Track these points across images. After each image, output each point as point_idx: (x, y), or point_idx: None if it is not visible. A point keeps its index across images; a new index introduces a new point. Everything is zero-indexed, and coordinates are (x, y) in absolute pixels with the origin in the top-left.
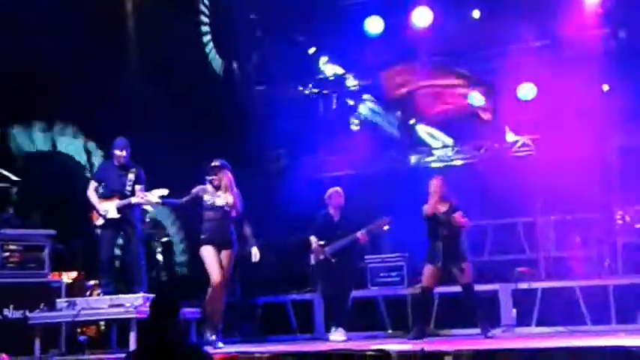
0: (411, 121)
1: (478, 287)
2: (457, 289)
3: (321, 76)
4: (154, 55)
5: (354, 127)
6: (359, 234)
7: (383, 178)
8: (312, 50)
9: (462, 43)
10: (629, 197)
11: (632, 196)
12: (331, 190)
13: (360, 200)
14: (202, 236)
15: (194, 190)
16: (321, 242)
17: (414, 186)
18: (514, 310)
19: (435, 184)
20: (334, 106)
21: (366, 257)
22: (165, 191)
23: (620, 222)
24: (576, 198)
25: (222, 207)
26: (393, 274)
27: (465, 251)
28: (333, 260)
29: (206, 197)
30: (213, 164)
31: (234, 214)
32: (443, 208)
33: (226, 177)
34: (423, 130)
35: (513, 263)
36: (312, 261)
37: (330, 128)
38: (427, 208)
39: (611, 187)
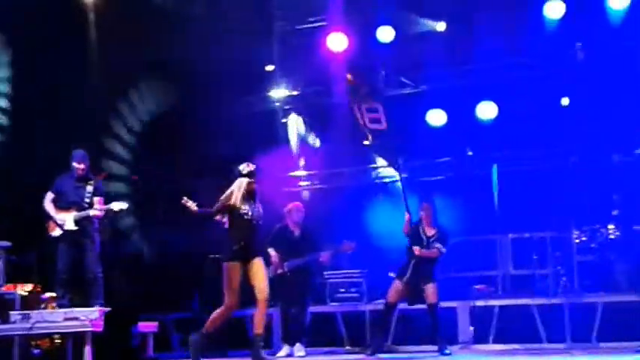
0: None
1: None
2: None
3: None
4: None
5: (317, 144)
6: (322, 256)
7: (344, 193)
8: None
9: (423, 60)
10: (586, 216)
11: (589, 215)
12: (291, 205)
13: (323, 215)
14: (234, 247)
15: (228, 200)
16: (281, 257)
17: (375, 201)
18: (471, 328)
19: (425, 208)
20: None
21: (325, 273)
22: (125, 205)
23: (576, 241)
24: (534, 216)
25: (257, 217)
26: (353, 290)
27: (435, 272)
28: (289, 274)
29: (242, 206)
30: (255, 167)
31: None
32: (430, 232)
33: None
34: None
35: (472, 281)
36: (270, 274)
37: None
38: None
39: (568, 205)
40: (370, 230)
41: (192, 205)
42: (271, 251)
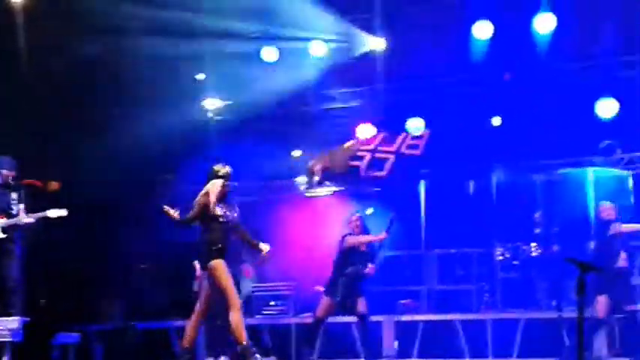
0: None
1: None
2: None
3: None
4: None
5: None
6: (246, 267)
7: (272, 205)
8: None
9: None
10: (509, 234)
11: (512, 232)
12: None
13: (251, 227)
14: (214, 247)
15: (206, 202)
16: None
17: (301, 214)
18: (396, 342)
19: (354, 221)
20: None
21: (252, 285)
22: (64, 212)
23: (500, 258)
24: (459, 233)
25: (232, 219)
26: (279, 302)
27: (363, 286)
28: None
29: (218, 208)
30: (230, 169)
31: None
32: (363, 247)
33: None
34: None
35: (397, 295)
36: (196, 287)
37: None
38: (351, 240)
39: (492, 223)
40: (299, 243)
41: (173, 213)
42: (196, 264)
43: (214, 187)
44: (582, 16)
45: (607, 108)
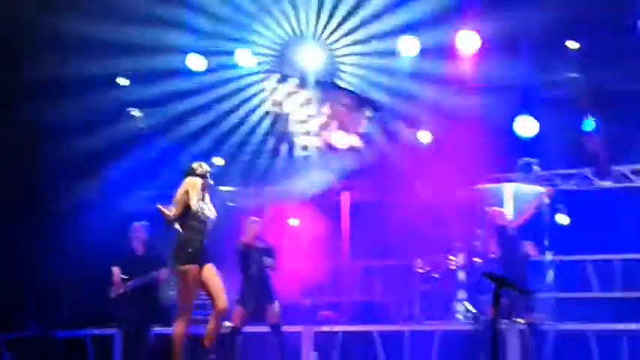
0: None
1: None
2: (260, 328)
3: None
4: None
5: None
6: (160, 273)
7: None
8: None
9: None
10: (428, 246)
11: (431, 245)
12: (137, 223)
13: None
14: (189, 249)
15: (187, 201)
16: (124, 276)
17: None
18: (315, 353)
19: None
20: None
21: (172, 294)
22: None
23: (420, 270)
24: (380, 245)
25: (210, 219)
26: (199, 312)
27: (273, 291)
28: (130, 294)
29: (198, 207)
30: (208, 167)
31: None
32: (260, 245)
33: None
34: None
35: (318, 306)
36: (113, 294)
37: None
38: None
39: (412, 236)
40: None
41: (169, 211)
42: (114, 269)
43: (193, 185)
44: (504, 36)
45: (526, 126)
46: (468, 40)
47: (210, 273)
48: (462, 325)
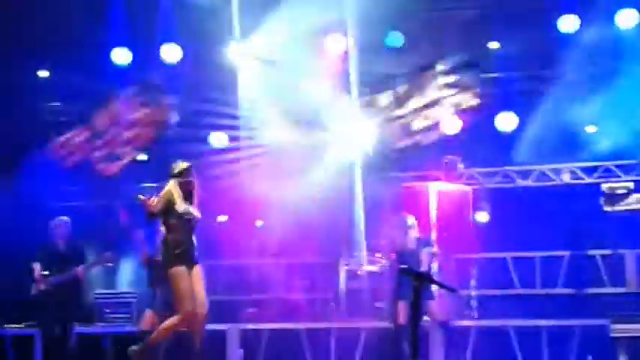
0: None
1: (208, 327)
2: None
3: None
4: None
5: None
6: (79, 269)
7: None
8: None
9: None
10: (356, 244)
11: (359, 243)
12: (58, 219)
13: (98, 232)
14: (176, 251)
15: (168, 201)
16: (45, 272)
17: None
18: (240, 351)
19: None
20: None
21: (95, 292)
22: None
23: (345, 268)
24: (306, 243)
25: (194, 218)
26: (122, 311)
27: None
28: (52, 292)
29: (181, 207)
30: (188, 165)
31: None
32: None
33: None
34: None
35: (243, 304)
36: (33, 291)
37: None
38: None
39: (339, 233)
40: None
41: (150, 201)
42: (35, 265)
43: (174, 187)
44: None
45: (453, 125)
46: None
47: (196, 277)
48: (387, 323)
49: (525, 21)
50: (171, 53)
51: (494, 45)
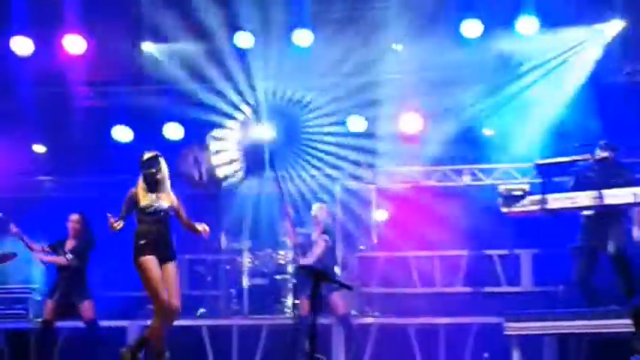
0: None
1: (108, 323)
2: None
3: None
4: None
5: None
6: None
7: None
8: None
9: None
10: (260, 241)
11: (262, 240)
12: None
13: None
14: (141, 242)
15: (127, 197)
16: None
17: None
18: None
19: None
20: None
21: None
22: None
23: (248, 264)
24: (210, 238)
25: (164, 210)
26: (18, 306)
27: (87, 288)
28: None
29: (144, 200)
30: (150, 155)
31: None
32: (70, 244)
33: (166, 170)
34: None
35: (144, 300)
36: None
37: None
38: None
39: (243, 229)
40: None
41: (116, 224)
42: None
43: (139, 182)
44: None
45: (356, 123)
46: (302, 36)
47: (168, 272)
48: (288, 319)
49: (429, 24)
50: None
51: (398, 47)
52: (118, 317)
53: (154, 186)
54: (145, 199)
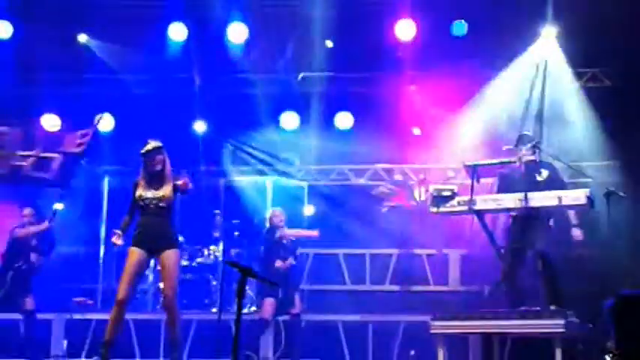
0: None
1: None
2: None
3: None
4: None
5: None
6: None
7: None
8: None
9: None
10: (191, 236)
11: (193, 235)
12: None
13: None
14: (134, 232)
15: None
16: None
17: None
18: (65, 341)
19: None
20: None
21: None
22: None
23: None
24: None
25: (154, 203)
26: None
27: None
28: None
29: (138, 191)
30: (150, 146)
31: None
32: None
33: (168, 161)
34: None
35: (71, 293)
36: None
37: None
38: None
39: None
40: None
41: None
42: None
43: (141, 172)
44: (270, 31)
45: (289, 120)
46: (237, 32)
47: (165, 261)
48: (215, 315)
49: (361, 23)
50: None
51: (329, 44)
52: (44, 310)
53: (154, 177)
54: (140, 190)
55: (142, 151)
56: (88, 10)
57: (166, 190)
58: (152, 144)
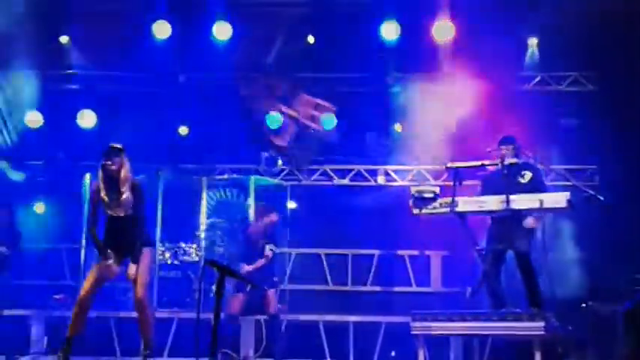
0: None
1: (11, 312)
2: None
3: None
4: None
5: None
6: None
7: None
8: None
9: None
10: (172, 234)
11: (175, 232)
12: None
13: None
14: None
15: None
16: None
17: None
18: (45, 337)
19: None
20: None
21: None
22: None
23: (160, 257)
24: None
25: (115, 206)
26: None
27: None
28: None
29: (102, 195)
30: (108, 149)
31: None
32: None
33: (128, 165)
34: None
35: (50, 290)
36: None
37: None
38: None
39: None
40: None
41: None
42: None
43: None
44: (256, 30)
45: (273, 120)
46: (222, 30)
47: (144, 259)
48: (193, 314)
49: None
50: None
51: (311, 40)
52: (23, 307)
53: (112, 181)
54: (102, 195)
55: (102, 154)
56: (71, 7)
57: (125, 199)
58: (110, 147)
